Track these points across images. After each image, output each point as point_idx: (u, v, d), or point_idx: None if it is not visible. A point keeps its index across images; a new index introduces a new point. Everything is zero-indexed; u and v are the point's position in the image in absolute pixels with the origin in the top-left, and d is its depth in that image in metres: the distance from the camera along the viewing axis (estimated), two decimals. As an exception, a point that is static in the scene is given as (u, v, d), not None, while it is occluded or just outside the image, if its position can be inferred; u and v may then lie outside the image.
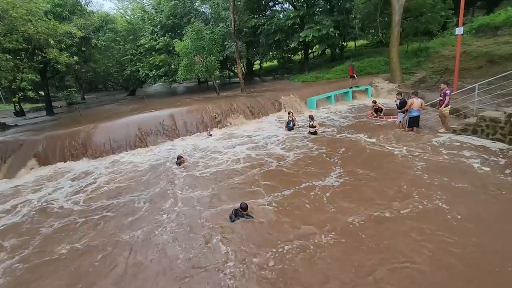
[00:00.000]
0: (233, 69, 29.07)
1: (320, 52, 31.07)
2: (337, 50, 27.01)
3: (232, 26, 17.97)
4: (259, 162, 8.55)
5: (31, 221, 6.70)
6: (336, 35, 20.97)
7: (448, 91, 8.88)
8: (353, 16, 23.02)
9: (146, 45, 22.21)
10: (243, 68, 29.12)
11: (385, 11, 20.04)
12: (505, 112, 7.60)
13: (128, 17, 27.83)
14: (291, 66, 30.85)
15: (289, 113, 12.47)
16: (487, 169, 6.38)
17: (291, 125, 12.15)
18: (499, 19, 16.79)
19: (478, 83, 8.88)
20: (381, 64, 19.98)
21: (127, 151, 11.41)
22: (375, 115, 12.43)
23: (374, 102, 12.77)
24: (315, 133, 10.98)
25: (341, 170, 7.30)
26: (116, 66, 28.76)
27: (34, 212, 7.10)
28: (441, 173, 6.44)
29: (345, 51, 29.01)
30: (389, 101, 15.12)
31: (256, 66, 33.86)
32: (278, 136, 11.45)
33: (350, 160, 7.96)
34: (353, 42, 31.15)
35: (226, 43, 21.45)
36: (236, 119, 14.41)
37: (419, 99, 9.48)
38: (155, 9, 24.35)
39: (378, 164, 7.45)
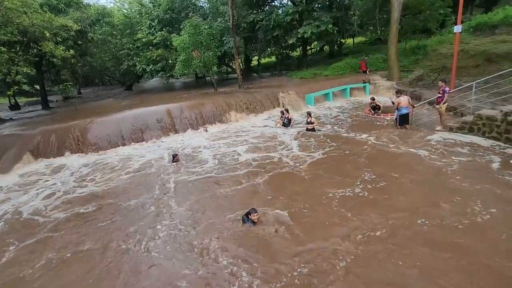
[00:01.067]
0: (231, 65, 28.91)
1: (318, 48, 30.96)
2: (335, 47, 26.99)
3: (231, 21, 17.82)
4: (260, 163, 8.22)
5: (9, 227, 6.16)
6: (335, 31, 20.89)
7: (447, 89, 8.96)
8: (352, 13, 22.92)
9: (143, 40, 21.96)
10: (241, 64, 29.00)
11: (384, 8, 19.97)
12: (501, 111, 7.65)
13: (125, 11, 27.47)
14: (289, 62, 30.75)
15: (286, 110, 12.51)
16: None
17: (285, 121, 12.14)
18: (497, 18, 16.83)
19: (475, 82, 8.90)
20: (379, 61, 19.99)
21: (123, 146, 11.36)
22: (372, 112, 12.46)
23: (373, 99, 12.80)
24: (313, 129, 10.98)
25: (361, 174, 6.72)
26: (113, 61, 28.46)
27: (16, 216, 6.60)
28: (469, 178, 5.98)
29: (344, 48, 28.98)
30: (386, 98, 15.14)
31: (254, 62, 33.69)
32: (275, 133, 11.44)
33: (365, 162, 7.47)
34: (352, 39, 31.12)
35: (224, 38, 21.28)
36: (234, 115, 14.38)
37: (405, 96, 9.76)
38: (152, 3, 24.05)
39: (397, 167, 6.94)
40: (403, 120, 9.83)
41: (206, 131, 12.82)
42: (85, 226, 5.88)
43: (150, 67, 21.84)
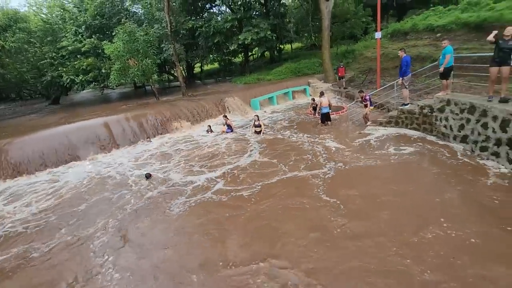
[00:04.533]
0: (173, 72, 27.91)
1: (259, 54, 31.90)
2: (275, 52, 28.08)
3: (168, 28, 17.21)
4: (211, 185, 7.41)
5: None
6: (274, 38, 21.78)
7: (367, 96, 10.16)
8: (288, 20, 24.23)
9: (69, 48, 19.76)
10: (183, 71, 28.19)
11: (316, 16, 21.59)
12: (418, 105, 8.82)
13: (43, 16, 24.40)
14: (233, 68, 31.01)
15: (224, 116, 12.62)
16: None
17: (227, 129, 12.17)
18: (407, 26, 19.45)
19: (395, 81, 10.11)
20: (316, 65, 21.41)
21: (53, 168, 9.97)
22: (313, 112, 13.25)
23: (313, 100, 13.65)
24: (260, 132, 11.21)
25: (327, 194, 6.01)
26: (33, 72, 24.85)
27: None
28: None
29: (283, 53, 30.36)
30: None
31: (197, 69, 33.11)
32: (224, 140, 11.33)
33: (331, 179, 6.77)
34: (290, 45, 32.78)
35: (163, 45, 20.41)
36: (179, 124, 13.86)
37: (326, 97, 11.11)
38: (77, 7, 21.87)
39: (375, 178, 6.50)
40: (325, 118, 11.15)
41: (150, 141, 12.18)
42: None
43: (80, 78, 19.71)
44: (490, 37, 6.19)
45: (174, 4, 22.22)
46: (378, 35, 13.52)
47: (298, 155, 8.46)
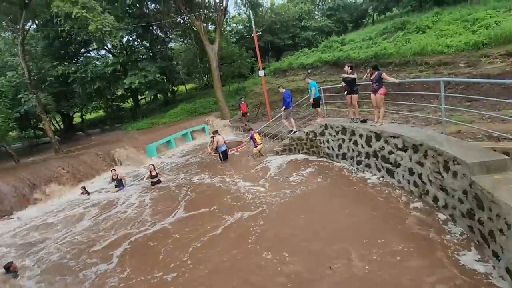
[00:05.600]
0: (41, 126, 23.07)
1: (151, 97, 30.39)
2: (168, 94, 27.32)
3: (26, 75, 14.15)
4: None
5: None
6: (164, 80, 21.14)
7: (251, 134, 10.84)
8: (176, 63, 24.21)
9: None
10: (57, 124, 23.85)
11: (204, 58, 22.32)
12: (304, 132, 9.64)
13: None
14: (122, 114, 28.18)
15: (113, 170, 10.50)
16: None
17: (116, 183, 10.24)
18: (285, 64, 22.40)
19: (281, 113, 10.94)
20: (211, 104, 21.74)
21: None
22: (215, 150, 12.85)
23: (212, 137, 13.31)
24: (158, 182, 9.97)
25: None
26: None
27: None
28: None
29: (177, 94, 29.87)
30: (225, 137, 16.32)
31: (78, 119, 28.57)
32: (113, 199, 9.48)
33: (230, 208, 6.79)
34: (184, 86, 32.71)
35: (20, 95, 16.52)
36: (52, 190, 11.01)
37: (221, 136, 11.40)
38: None
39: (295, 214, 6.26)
40: (224, 155, 11.25)
41: (10, 218, 9.23)
42: None
43: None
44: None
45: (35, 48, 19.00)
46: (261, 73, 14.86)
47: (221, 201, 7.60)
